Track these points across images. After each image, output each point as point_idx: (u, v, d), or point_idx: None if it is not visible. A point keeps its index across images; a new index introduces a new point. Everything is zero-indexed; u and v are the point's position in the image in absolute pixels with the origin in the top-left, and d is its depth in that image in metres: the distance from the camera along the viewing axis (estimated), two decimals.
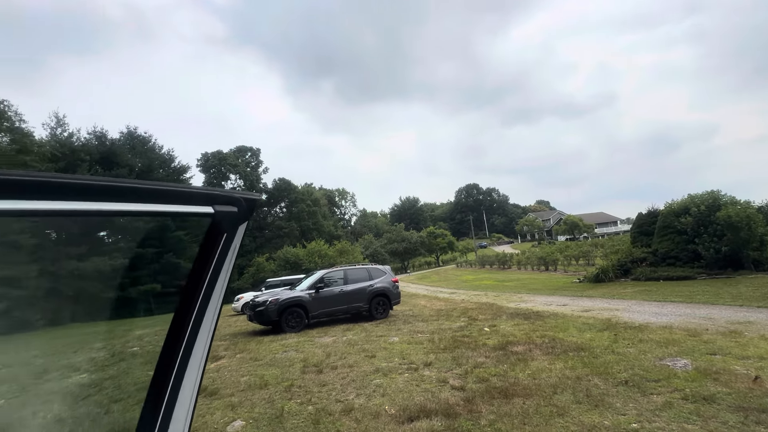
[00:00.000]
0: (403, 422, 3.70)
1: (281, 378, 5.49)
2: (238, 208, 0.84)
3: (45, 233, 19.19)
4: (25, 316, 13.79)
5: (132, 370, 6.50)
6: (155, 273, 23.76)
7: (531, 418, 3.55)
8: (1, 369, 7.31)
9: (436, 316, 10.68)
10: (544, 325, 8.00)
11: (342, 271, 11.28)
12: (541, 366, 5.14)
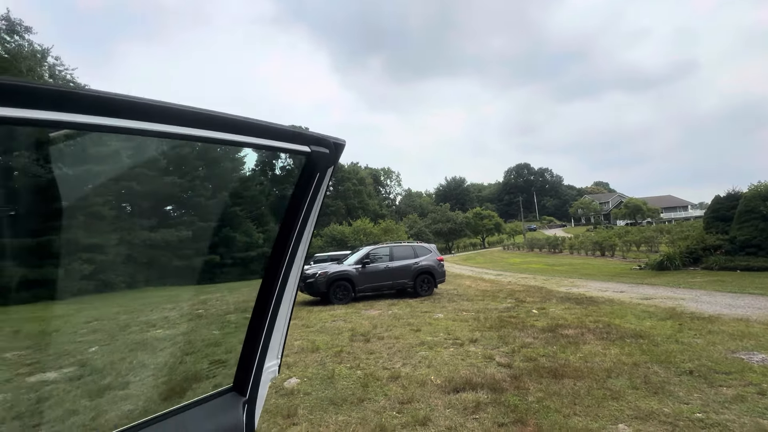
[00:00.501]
0: (448, 392, 3.77)
1: (331, 344, 5.80)
2: (329, 150, 0.90)
3: (122, 206, 21.31)
4: (109, 279, 15.62)
5: (199, 329, 7.20)
6: (214, 245, 25.62)
7: (582, 399, 3.46)
8: (93, 322, 8.45)
9: (482, 296, 10.56)
10: (598, 311, 7.63)
11: (388, 248, 11.46)
12: (594, 350, 4.94)
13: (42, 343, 6.06)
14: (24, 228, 11.19)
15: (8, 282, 10.39)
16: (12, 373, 4.46)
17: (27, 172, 11.61)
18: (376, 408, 3.47)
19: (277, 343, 1.09)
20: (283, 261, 1.00)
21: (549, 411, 3.26)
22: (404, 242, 12.71)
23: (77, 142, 10.93)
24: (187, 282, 20.11)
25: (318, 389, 3.96)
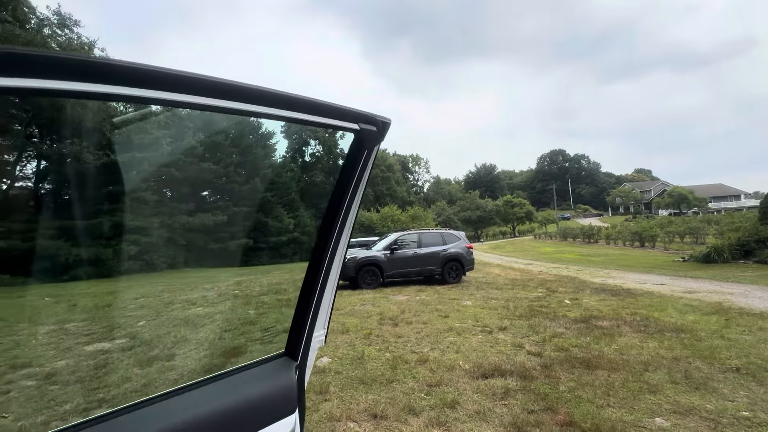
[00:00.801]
0: (477, 378, 3.79)
1: (360, 327, 5.94)
2: (376, 128, 0.92)
3: (163, 191, 22.17)
4: (152, 259, 16.54)
5: (236, 309, 7.56)
6: (248, 230, 26.62)
7: (616, 391, 3.37)
8: (140, 298, 9.07)
9: (511, 285, 10.40)
10: (635, 303, 7.32)
11: (416, 235, 11.46)
12: (631, 343, 4.77)
13: (96, 316, 6.59)
14: (78, 211, 12.05)
15: (66, 260, 11.30)
16: (73, 341, 4.90)
17: (79, 159, 12.37)
18: (404, 389, 3.54)
19: (324, 314, 1.16)
20: (331, 237, 1.04)
21: (581, 401, 3.21)
22: (433, 229, 12.66)
23: (123, 131, 11.47)
24: (223, 264, 21.02)
25: (348, 369, 4.09)
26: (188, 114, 34.20)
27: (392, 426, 2.90)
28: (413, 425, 2.90)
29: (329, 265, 1.09)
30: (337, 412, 3.10)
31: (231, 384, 0.93)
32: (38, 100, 11.16)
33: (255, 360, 1.06)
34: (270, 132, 50.06)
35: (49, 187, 13.45)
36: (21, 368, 3.87)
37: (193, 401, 0.85)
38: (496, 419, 2.97)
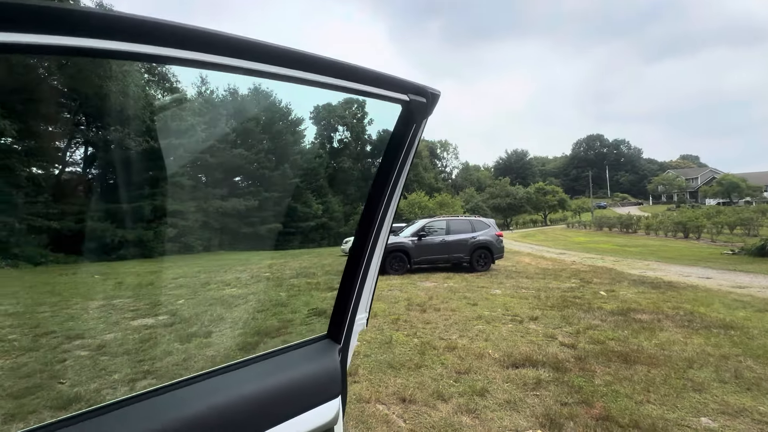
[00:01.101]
0: (507, 367, 3.72)
1: (388, 312, 5.97)
2: (426, 100, 0.87)
3: (198, 177, 22.95)
4: (189, 242, 17.28)
5: (267, 290, 7.81)
6: (278, 215, 27.32)
7: (657, 387, 3.21)
8: (179, 278, 9.56)
9: (543, 275, 10.11)
10: (678, 297, 6.92)
11: (444, 221, 11.31)
12: (673, 338, 4.52)
13: (140, 293, 7.01)
14: (121, 195, 12.73)
15: (112, 241, 12.02)
16: (119, 316, 5.23)
17: (121, 145, 12.98)
18: (433, 375, 3.54)
19: (366, 298, 1.14)
20: (375, 219, 1.01)
21: (618, 396, 3.08)
22: (462, 216, 12.45)
23: (161, 117, 11.88)
24: (254, 248, 21.72)
25: (377, 352, 4.13)
26: (222, 101, 35.15)
27: (421, 410, 2.91)
28: (442, 411, 2.89)
29: (373, 247, 1.06)
30: (366, 394, 3.15)
31: (274, 365, 0.94)
32: (84, 89, 11.71)
33: (297, 342, 1.06)
34: (299, 118, 50.56)
35: (95, 172, 14.29)
36: (75, 339, 4.18)
37: (237, 380, 0.86)
38: (528, 410, 2.90)
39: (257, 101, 41.17)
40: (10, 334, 4.32)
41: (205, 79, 36.89)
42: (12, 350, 3.83)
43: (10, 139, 10.60)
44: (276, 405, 0.84)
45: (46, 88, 10.60)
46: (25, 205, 10.93)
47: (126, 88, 12.80)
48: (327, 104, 57.78)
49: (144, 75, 15.13)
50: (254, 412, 0.79)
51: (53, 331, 4.40)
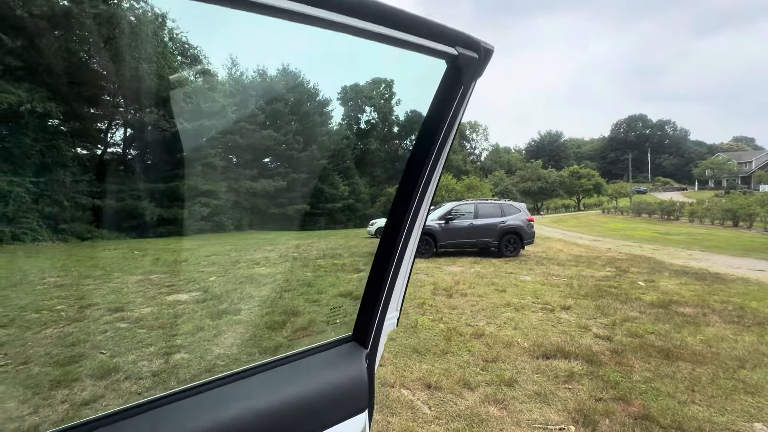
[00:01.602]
0: (537, 357, 3.59)
1: (414, 296, 5.92)
2: (477, 56, 0.73)
3: (229, 157, 23.49)
4: (221, 221, 17.84)
5: (294, 270, 7.94)
6: (305, 196, 27.72)
7: (704, 387, 2.99)
8: (211, 256, 9.91)
9: (575, 262, 9.71)
10: (726, 290, 6.45)
11: (472, 205, 11.03)
12: (721, 334, 4.21)
13: (175, 270, 7.31)
14: (158, 175, 13.23)
15: (150, 219, 12.59)
16: (156, 291, 5.47)
17: (157, 126, 13.40)
18: (459, 362, 3.46)
19: (398, 294, 1.03)
20: (412, 198, 0.88)
21: (659, 394, 2.89)
22: (491, 200, 12.08)
23: (193, 99, 12.06)
24: (282, 227, 22.22)
25: (402, 337, 4.10)
26: (251, 83, 35.55)
27: (446, 398, 2.85)
28: (468, 400, 2.82)
29: (408, 234, 0.93)
30: (390, 379, 3.12)
31: (289, 372, 0.85)
32: (122, 71, 12.08)
33: (317, 345, 0.97)
34: (327, 99, 50.57)
35: (134, 152, 14.90)
36: (116, 311, 4.40)
37: (247, 390, 0.78)
38: (559, 403, 2.78)
39: (285, 82, 41.32)
40: (58, 304, 4.61)
41: (235, 60, 37.15)
42: (60, 320, 4.08)
43: (56, 120, 11.16)
44: (290, 421, 0.76)
45: (87, 71, 11.00)
46: (72, 184, 11.57)
47: (161, 69, 13.08)
48: (354, 84, 57.15)
49: (177, 57, 15.39)
50: (263, 430, 0.72)
51: (96, 303, 4.66)
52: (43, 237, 10.30)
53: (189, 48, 15.74)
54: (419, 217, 0.93)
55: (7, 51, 8.22)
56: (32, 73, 9.00)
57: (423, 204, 0.91)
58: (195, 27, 21.59)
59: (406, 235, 0.92)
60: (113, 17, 13.69)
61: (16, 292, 5.20)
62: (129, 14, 14.54)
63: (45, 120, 10.95)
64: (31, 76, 9.03)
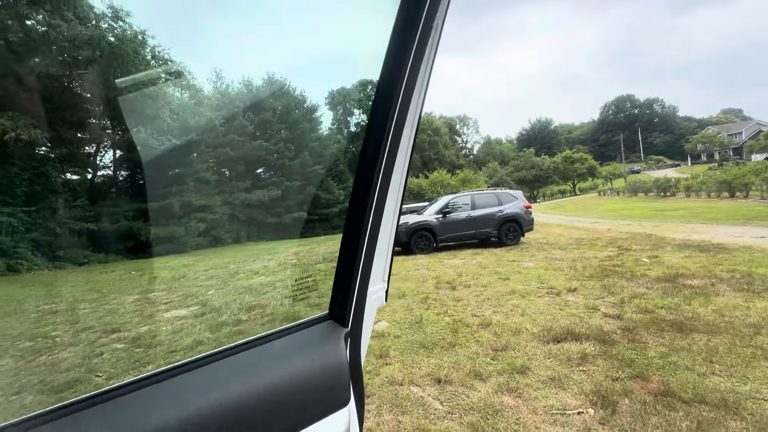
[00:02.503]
0: (547, 342, 3.49)
1: (417, 291, 5.81)
2: None
3: (221, 171, 23.35)
4: (218, 235, 17.67)
5: (294, 276, 7.82)
6: (301, 203, 27.58)
7: (722, 357, 2.89)
8: (210, 270, 9.78)
9: (576, 245, 9.63)
10: (731, 259, 6.37)
11: (469, 197, 10.94)
12: (732, 303, 4.12)
13: (173, 286, 7.17)
14: (151, 194, 13.08)
15: (146, 239, 12.45)
16: (153, 309, 5.34)
17: (146, 145, 13.26)
18: (468, 353, 3.36)
19: (381, 264, 0.91)
20: (383, 144, 0.75)
21: (677, 368, 2.80)
22: (487, 190, 12.00)
23: (179, 116, 11.90)
24: (280, 237, 22.11)
25: (407, 333, 3.99)
26: (237, 94, 35.41)
27: (457, 391, 2.74)
28: (481, 391, 2.71)
29: (381, 194, 0.79)
30: (398, 377, 3.01)
31: (252, 358, 0.72)
32: (105, 93, 11.94)
33: (286, 327, 0.83)
34: (315, 105, 50.47)
35: (124, 173, 14.75)
36: (112, 333, 4.27)
37: (202, 380, 0.66)
38: (575, 386, 2.68)
39: (271, 91, 41.20)
40: (52, 331, 4.48)
41: (219, 73, 36.92)
42: (54, 346, 3.95)
43: (43, 148, 10.99)
44: (249, 421, 0.64)
45: (70, 94, 10.86)
46: (65, 210, 11.40)
47: (145, 87, 12.94)
48: (341, 88, 57.10)
49: (161, 75, 15.26)
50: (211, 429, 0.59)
51: (92, 326, 4.53)
52: (39, 265, 10.12)
53: (173, 64, 15.58)
54: (396, 175, 0.80)
55: None
56: (13, 100, 8.85)
57: (398, 158, 0.78)
58: (176, 43, 21.49)
59: (380, 194, 0.79)
60: (92, 39, 13.55)
61: (10, 321, 5.06)
62: (108, 34, 14.40)
63: (31, 147, 10.78)
64: (12, 103, 8.89)
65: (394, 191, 0.83)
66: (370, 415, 2.54)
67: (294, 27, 52.71)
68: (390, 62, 0.71)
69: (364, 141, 0.77)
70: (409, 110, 0.74)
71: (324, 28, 63.37)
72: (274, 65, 33.87)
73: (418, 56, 0.69)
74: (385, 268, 0.94)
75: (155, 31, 13.55)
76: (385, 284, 0.95)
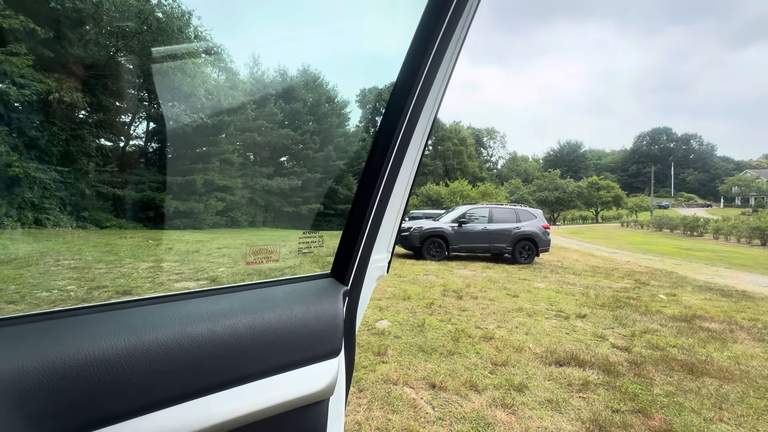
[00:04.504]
0: (549, 363, 3.40)
1: (423, 296, 5.78)
2: None
3: (246, 155, 23.87)
4: (235, 216, 18.06)
5: (303, 265, 7.90)
6: (319, 196, 27.85)
7: (732, 405, 2.76)
8: (223, 248, 9.98)
9: (592, 273, 9.38)
10: (754, 308, 6.08)
11: (487, 209, 10.82)
12: (750, 352, 3.93)
13: (186, 259, 7.36)
14: (177, 168, 13.49)
15: (168, 210, 12.83)
16: (165, 278, 5.49)
17: (177, 120, 13.72)
18: (466, 363, 3.31)
19: (386, 236, 0.93)
20: (399, 124, 0.77)
21: (682, 409, 2.68)
22: (506, 204, 11.82)
23: (213, 96, 12.17)
24: (295, 226, 22.40)
25: (408, 335, 3.97)
26: (271, 82, 36.08)
27: (451, 399, 2.71)
28: (474, 402, 2.67)
29: (397, 163, 0.82)
30: (394, 376, 3.00)
31: (252, 297, 0.76)
32: (147, 65, 12.37)
33: (289, 277, 0.87)
34: (345, 101, 50.95)
35: (155, 145, 15.24)
36: (123, 295, 4.41)
37: (201, 307, 0.70)
38: (572, 412, 2.61)
39: (305, 82, 41.77)
40: (68, 285, 4.66)
41: (257, 59, 37.78)
42: (67, 299, 4.10)
43: (83, 111, 11.48)
44: (250, 351, 0.66)
45: (114, 64, 11.30)
46: (95, 173, 11.86)
47: (184, 65, 13.33)
48: (373, 87, 57.46)
49: (201, 54, 15.71)
50: (208, 354, 0.62)
51: (105, 286, 4.69)
52: (64, 223, 10.55)
53: (213, 47, 15.96)
54: (408, 159, 0.83)
55: (40, 41, 8.50)
56: (62, 63, 9.26)
57: (412, 143, 0.80)
58: (218, 25, 22.12)
59: (392, 170, 0.82)
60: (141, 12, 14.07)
61: (30, 272, 5.29)
62: (157, 9, 14.95)
63: (72, 110, 11.26)
64: (60, 66, 9.30)
65: (406, 171, 0.87)
66: (360, 409, 2.53)
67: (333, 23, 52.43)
68: (411, 57, 0.74)
69: (384, 116, 0.79)
70: (429, 98, 0.76)
71: (361, 25, 62.42)
72: (310, 57, 34.32)
73: (438, 55, 0.72)
74: (390, 241, 0.97)
75: (201, 12, 13.92)
76: (389, 255, 0.98)
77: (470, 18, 0.74)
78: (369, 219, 0.85)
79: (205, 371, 0.62)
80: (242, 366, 0.65)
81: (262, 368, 0.67)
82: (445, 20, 0.71)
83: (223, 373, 0.63)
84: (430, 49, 0.73)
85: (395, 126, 0.76)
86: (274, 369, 0.68)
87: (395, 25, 7.70)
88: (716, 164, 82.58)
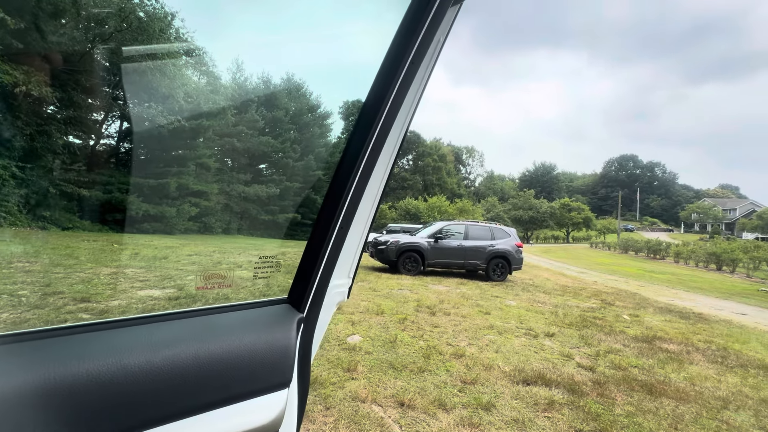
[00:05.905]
0: (517, 382, 3.45)
1: (396, 310, 5.76)
2: None
3: (224, 160, 23.41)
4: (209, 222, 17.55)
5: (275, 276, 7.73)
6: (297, 205, 27.51)
7: (687, 426, 2.88)
8: (193, 256, 9.65)
9: (561, 292, 9.65)
10: (709, 330, 6.41)
11: (463, 226, 11.00)
12: (705, 374, 4.12)
13: (153, 266, 7.06)
14: (149, 170, 13.06)
15: (135, 214, 12.32)
16: (127, 285, 5.24)
17: (154, 121, 13.33)
18: (436, 381, 3.31)
19: (348, 261, 0.92)
20: (362, 155, 0.77)
21: (641, 429, 2.77)
22: (482, 222, 12.06)
23: (193, 99, 11.91)
24: (271, 235, 21.99)
25: (379, 351, 3.93)
26: (254, 89, 35.73)
27: (419, 417, 2.69)
28: (442, 421, 2.66)
29: (358, 190, 0.81)
30: (362, 393, 2.95)
31: (201, 325, 0.73)
32: (124, 65, 12.06)
33: (243, 302, 0.85)
34: (327, 112, 51.03)
35: (127, 146, 14.70)
36: (81, 302, 4.17)
37: (148, 335, 0.66)
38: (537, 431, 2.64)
39: (288, 91, 41.61)
40: (20, 290, 4.36)
41: (240, 65, 37.45)
42: (19, 305, 3.84)
43: (51, 107, 10.97)
44: (191, 381, 0.63)
45: (89, 60, 10.92)
46: (59, 172, 11.27)
47: (163, 66, 13.04)
48: (356, 100, 58.00)
49: (182, 57, 15.43)
50: (144, 387, 0.59)
51: (61, 292, 4.42)
52: (22, 222, 9.93)
53: (194, 48, 15.71)
54: (374, 181, 0.82)
55: (9, 31, 8.13)
56: (31, 56, 8.88)
57: (378, 163, 0.80)
58: (201, 29, 21.82)
59: (355, 193, 0.81)
60: (122, 10, 13.72)
61: None
62: (138, 10, 14.61)
63: (39, 105, 10.75)
64: (29, 59, 8.90)
65: (370, 194, 0.85)
66: (326, 428, 2.47)
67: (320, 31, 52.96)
68: (387, 64, 0.74)
69: (349, 138, 0.79)
70: (396, 119, 0.77)
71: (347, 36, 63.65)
72: (295, 66, 34.23)
73: (409, 75, 0.73)
74: (352, 266, 0.96)
75: (184, 14, 13.76)
76: (350, 281, 0.96)
77: (443, 37, 0.76)
78: (330, 243, 0.83)
79: (139, 406, 0.58)
80: (181, 400, 0.61)
81: (202, 402, 0.63)
82: (418, 38, 0.71)
83: (160, 407, 0.60)
84: (400, 69, 0.73)
85: (359, 151, 0.77)
86: (216, 402, 0.65)
87: (381, 38, 7.90)
88: (678, 191, 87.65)
